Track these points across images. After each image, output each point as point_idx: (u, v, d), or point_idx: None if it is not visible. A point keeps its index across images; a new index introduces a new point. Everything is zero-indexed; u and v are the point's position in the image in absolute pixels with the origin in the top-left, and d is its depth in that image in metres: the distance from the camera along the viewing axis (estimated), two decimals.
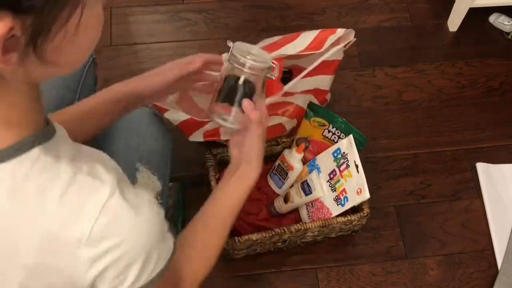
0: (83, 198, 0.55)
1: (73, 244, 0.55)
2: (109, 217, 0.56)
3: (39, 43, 0.49)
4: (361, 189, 1.15)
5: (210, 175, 1.25)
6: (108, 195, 0.56)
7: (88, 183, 0.56)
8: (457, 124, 1.52)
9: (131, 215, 0.58)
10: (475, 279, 1.30)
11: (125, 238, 0.57)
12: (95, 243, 0.56)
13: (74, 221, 0.55)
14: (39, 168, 0.54)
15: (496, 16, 1.68)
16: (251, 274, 1.29)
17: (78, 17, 0.50)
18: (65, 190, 0.54)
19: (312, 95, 1.31)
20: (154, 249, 0.62)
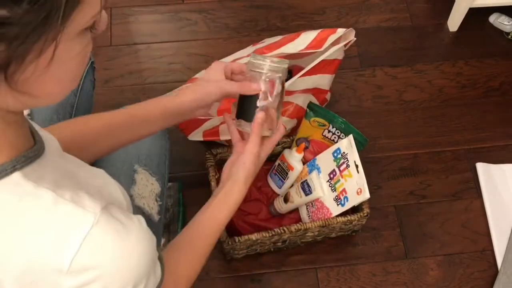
0: (64, 227, 0.52)
1: (53, 274, 0.53)
2: (91, 248, 0.53)
3: (9, 72, 0.47)
4: (361, 189, 1.15)
5: (210, 175, 1.25)
6: (92, 224, 0.53)
7: (70, 211, 0.53)
8: (457, 124, 1.52)
9: (115, 246, 0.55)
10: (475, 279, 1.30)
11: (107, 270, 0.54)
12: (76, 274, 0.53)
13: (54, 251, 0.52)
14: (19, 194, 0.51)
15: (496, 16, 1.68)
16: (251, 274, 1.29)
17: (51, 51, 0.48)
18: (45, 218, 0.52)
19: (312, 95, 1.31)
20: (142, 280, 0.58)
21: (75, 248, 0.52)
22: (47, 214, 0.52)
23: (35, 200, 0.52)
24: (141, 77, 1.56)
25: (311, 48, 1.22)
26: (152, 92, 1.52)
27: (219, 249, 1.29)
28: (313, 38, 1.23)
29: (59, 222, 0.52)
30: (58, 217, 0.52)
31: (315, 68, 1.23)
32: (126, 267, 0.56)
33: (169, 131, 1.22)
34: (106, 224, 0.54)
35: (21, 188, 0.52)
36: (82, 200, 0.54)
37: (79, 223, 0.53)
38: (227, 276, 1.29)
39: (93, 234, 0.53)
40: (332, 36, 1.22)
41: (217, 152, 1.30)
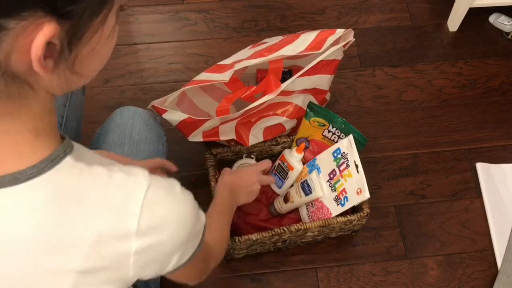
0: (124, 195, 0.56)
1: (122, 240, 0.56)
2: (151, 209, 0.57)
3: (73, 50, 0.50)
4: (361, 189, 1.15)
5: (210, 175, 1.25)
6: (146, 188, 0.57)
7: (125, 180, 0.57)
8: (457, 124, 1.52)
9: (169, 203, 0.59)
10: (475, 279, 1.30)
11: (168, 225, 0.59)
12: (143, 235, 0.57)
13: (120, 218, 0.56)
14: (77, 174, 0.54)
15: (496, 16, 1.68)
16: (251, 274, 1.29)
17: (106, 28, 0.52)
18: (106, 190, 0.55)
19: (311, 95, 1.31)
20: (193, 229, 0.64)
21: (138, 211, 0.56)
22: (106, 187, 0.55)
23: (92, 177, 0.55)
24: (141, 77, 1.56)
25: (310, 50, 1.22)
26: (152, 92, 1.52)
27: None
28: (312, 39, 1.23)
29: (118, 192, 0.56)
30: (116, 188, 0.56)
31: (314, 69, 1.23)
32: (182, 215, 0.61)
33: (168, 131, 1.22)
34: (156, 185, 0.58)
35: (76, 169, 0.54)
36: (129, 170, 0.58)
37: (136, 189, 0.57)
38: (227, 276, 1.29)
39: (149, 196, 0.57)
40: (331, 37, 1.22)
41: (217, 152, 1.30)
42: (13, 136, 0.52)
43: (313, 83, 1.28)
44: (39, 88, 0.52)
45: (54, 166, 0.53)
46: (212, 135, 1.28)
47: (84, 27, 0.49)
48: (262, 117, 1.28)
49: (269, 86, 1.20)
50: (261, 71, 1.50)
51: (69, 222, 0.54)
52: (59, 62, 0.50)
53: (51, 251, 0.55)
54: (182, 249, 0.64)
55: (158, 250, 0.60)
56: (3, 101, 0.50)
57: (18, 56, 0.47)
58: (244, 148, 1.30)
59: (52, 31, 0.46)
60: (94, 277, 0.57)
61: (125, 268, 0.58)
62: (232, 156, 1.33)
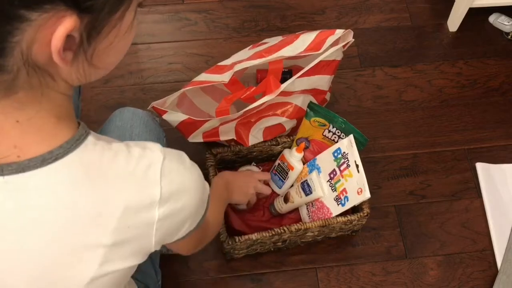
0: (143, 166, 0.60)
1: (147, 209, 0.60)
2: (169, 177, 0.61)
3: (91, 44, 0.52)
4: (362, 189, 1.15)
5: (210, 175, 1.25)
6: (162, 159, 0.61)
7: (142, 154, 0.60)
8: (457, 124, 1.52)
9: (183, 170, 0.64)
10: (475, 279, 1.30)
11: (184, 191, 0.64)
12: (164, 202, 0.61)
13: (143, 188, 0.59)
14: (99, 150, 0.58)
15: (496, 16, 1.68)
16: (251, 274, 1.29)
17: (125, 22, 0.55)
18: (127, 163, 0.59)
19: (311, 95, 1.31)
20: (203, 195, 0.69)
21: (157, 181, 0.60)
22: (127, 160, 0.59)
23: (113, 152, 0.59)
24: (141, 77, 1.56)
25: (310, 51, 1.22)
26: (152, 92, 1.52)
27: (219, 249, 1.29)
28: (311, 40, 1.24)
29: (138, 164, 0.59)
30: (136, 160, 0.59)
31: (314, 69, 1.23)
32: (194, 181, 0.66)
33: (168, 131, 1.22)
34: (170, 155, 0.63)
35: (98, 146, 0.58)
36: (143, 144, 0.62)
37: (153, 160, 0.61)
38: (227, 276, 1.29)
39: (166, 165, 0.61)
40: (330, 38, 1.22)
41: (217, 152, 1.30)
42: (38, 123, 0.55)
43: (313, 83, 1.28)
44: (59, 78, 0.54)
45: (79, 146, 0.56)
46: (212, 135, 1.28)
47: (103, 22, 0.51)
48: (262, 117, 1.28)
49: (269, 86, 1.20)
50: (261, 71, 1.50)
51: (97, 197, 0.57)
52: (78, 54, 0.52)
53: (82, 227, 0.57)
54: (194, 215, 0.68)
55: (177, 215, 0.64)
56: (26, 91, 0.53)
57: (40, 47, 0.49)
58: (244, 148, 1.30)
59: (72, 24, 0.48)
60: (121, 250, 0.61)
61: (148, 237, 0.62)
62: (232, 156, 1.33)
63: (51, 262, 0.59)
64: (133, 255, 0.63)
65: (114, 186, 0.58)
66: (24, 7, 0.46)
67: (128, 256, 0.62)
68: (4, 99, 0.52)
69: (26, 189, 0.55)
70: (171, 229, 0.66)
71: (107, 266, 0.60)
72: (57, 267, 0.59)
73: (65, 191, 0.56)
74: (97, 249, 0.59)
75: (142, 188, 0.60)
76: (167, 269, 1.28)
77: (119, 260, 0.62)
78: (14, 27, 0.47)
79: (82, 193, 0.56)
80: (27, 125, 0.55)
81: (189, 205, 0.65)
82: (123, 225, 0.59)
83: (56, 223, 0.56)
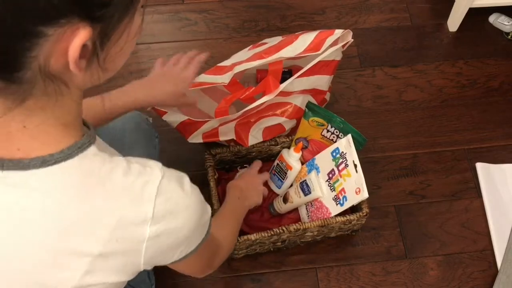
0: (141, 183, 0.60)
1: (139, 225, 0.60)
2: (165, 197, 0.61)
3: (104, 49, 0.55)
4: (360, 189, 1.15)
5: (210, 175, 1.25)
6: (160, 178, 0.62)
7: (141, 170, 0.61)
8: (457, 124, 1.52)
9: (180, 192, 0.64)
10: (475, 279, 1.30)
11: (179, 212, 0.64)
12: (157, 221, 0.61)
13: (138, 204, 0.60)
14: (100, 161, 0.59)
15: (496, 16, 1.67)
16: (251, 274, 1.29)
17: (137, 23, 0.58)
18: (126, 177, 0.60)
19: (310, 95, 1.31)
20: (200, 219, 0.69)
21: (152, 199, 0.60)
22: (126, 174, 0.60)
23: (113, 165, 0.59)
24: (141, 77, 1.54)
25: (309, 51, 1.22)
26: None
27: None
28: (311, 40, 1.23)
29: (136, 179, 0.60)
30: (134, 176, 0.60)
31: (313, 69, 1.23)
32: (191, 203, 0.66)
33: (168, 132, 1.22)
34: (169, 175, 0.63)
35: (99, 157, 0.59)
36: (145, 162, 0.63)
37: (151, 178, 0.61)
38: (227, 276, 1.29)
39: (163, 185, 0.62)
40: (330, 38, 1.22)
41: (216, 152, 1.30)
42: (45, 129, 0.57)
43: (312, 83, 1.28)
44: (73, 85, 0.56)
45: (80, 153, 0.58)
46: (211, 135, 1.28)
47: (114, 28, 0.54)
48: (262, 117, 1.28)
49: (268, 87, 1.20)
50: (261, 71, 1.50)
51: (90, 206, 0.58)
52: (91, 61, 0.54)
53: (71, 233, 0.58)
54: (189, 238, 0.68)
55: (169, 236, 0.63)
56: (38, 99, 0.54)
57: (56, 58, 0.51)
58: (243, 148, 1.30)
59: (87, 35, 0.51)
60: (107, 262, 0.61)
61: (137, 255, 0.62)
62: (231, 156, 1.33)
63: (33, 265, 0.59)
64: (119, 271, 0.63)
65: (109, 197, 0.59)
66: (41, 24, 0.48)
67: (113, 270, 0.62)
68: (17, 107, 0.54)
69: (22, 186, 0.56)
70: (163, 250, 0.65)
71: (90, 277, 0.60)
72: (39, 270, 0.59)
73: (59, 195, 0.56)
74: (83, 257, 0.59)
75: (136, 203, 0.60)
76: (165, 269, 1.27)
77: (103, 273, 0.61)
78: (32, 43, 0.49)
79: (75, 199, 0.57)
80: (33, 131, 0.56)
81: (183, 227, 0.65)
82: (113, 237, 0.59)
83: (45, 225, 0.57)
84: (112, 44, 0.55)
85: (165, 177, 0.62)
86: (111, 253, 0.60)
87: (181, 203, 0.64)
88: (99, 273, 0.61)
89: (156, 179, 0.61)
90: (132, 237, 0.61)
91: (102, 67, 0.56)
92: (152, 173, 0.62)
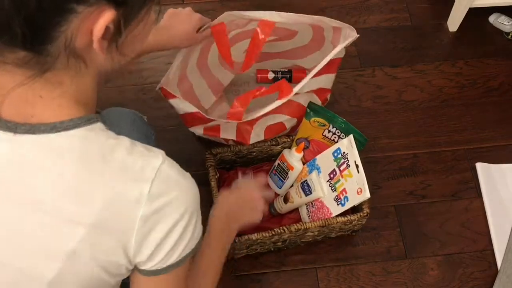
0: (141, 163, 0.63)
1: (133, 202, 0.62)
2: (163, 179, 0.63)
3: (123, 33, 0.59)
4: (361, 189, 1.15)
5: (210, 175, 1.25)
6: (161, 162, 0.64)
7: (144, 152, 0.64)
8: (457, 124, 1.52)
9: (180, 179, 0.66)
10: (475, 279, 1.30)
11: (176, 196, 0.65)
12: (152, 201, 0.63)
13: (135, 181, 0.62)
14: (105, 136, 0.62)
15: (496, 16, 1.68)
16: (251, 274, 1.29)
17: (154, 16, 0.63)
18: (127, 155, 0.62)
19: (314, 94, 1.32)
20: (194, 216, 0.69)
21: (151, 178, 0.62)
22: (128, 153, 0.62)
23: (118, 142, 0.63)
24: (141, 77, 1.56)
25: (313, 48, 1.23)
26: (152, 92, 1.52)
27: None
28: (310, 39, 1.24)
29: (137, 159, 0.63)
30: (136, 156, 0.63)
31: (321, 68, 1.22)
32: (189, 192, 0.67)
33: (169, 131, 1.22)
34: (170, 163, 0.66)
35: (106, 132, 0.63)
36: (148, 147, 0.66)
37: (152, 161, 0.64)
38: (227, 276, 1.29)
39: (163, 169, 0.64)
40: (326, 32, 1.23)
41: (217, 152, 1.30)
42: (59, 102, 0.60)
43: (320, 83, 1.28)
44: (92, 65, 0.61)
45: (88, 125, 0.61)
46: (213, 130, 1.28)
47: (134, 15, 0.60)
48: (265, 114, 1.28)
49: (280, 89, 1.20)
50: (261, 71, 1.50)
51: (90, 174, 0.60)
52: (111, 43, 0.60)
53: (68, 197, 0.60)
54: (181, 233, 0.67)
55: (162, 219, 0.64)
56: (58, 72, 0.59)
57: (81, 36, 0.57)
58: (244, 148, 1.30)
59: (111, 17, 0.56)
60: (100, 236, 0.62)
61: (129, 233, 0.63)
62: (231, 156, 1.33)
63: (31, 226, 0.61)
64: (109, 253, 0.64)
65: (109, 170, 0.61)
66: (74, 1, 0.54)
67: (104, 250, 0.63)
68: (37, 78, 0.58)
69: (31, 148, 0.59)
70: (154, 236, 0.65)
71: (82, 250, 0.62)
72: (36, 232, 0.61)
73: (61, 159, 0.60)
74: (77, 226, 0.61)
75: (134, 181, 0.62)
76: None
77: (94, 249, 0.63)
78: (63, 18, 0.55)
79: (76, 165, 0.60)
80: (48, 102, 0.60)
81: (176, 214, 0.65)
82: (107, 210, 0.61)
83: (46, 187, 0.60)
84: (130, 30, 0.60)
85: (166, 163, 0.65)
86: (104, 227, 0.62)
87: (177, 189, 0.65)
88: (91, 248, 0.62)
89: (157, 162, 0.64)
90: (126, 213, 0.62)
91: (120, 50, 0.61)
92: (154, 156, 0.64)
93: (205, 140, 1.36)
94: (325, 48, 1.37)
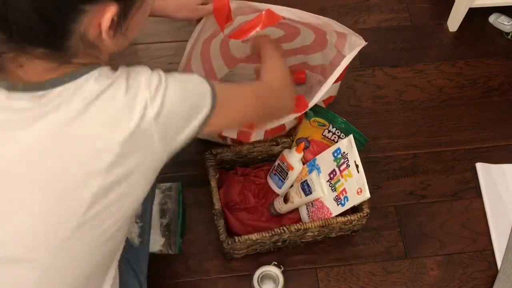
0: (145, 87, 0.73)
1: (143, 109, 0.71)
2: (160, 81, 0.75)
3: (126, 21, 0.72)
4: (361, 189, 1.15)
5: (210, 175, 1.25)
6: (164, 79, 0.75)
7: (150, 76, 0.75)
8: (457, 124, 1.52)
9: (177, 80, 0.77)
10: (475, 279, 1.30)
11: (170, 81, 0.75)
12: (153, 99, 0.72)
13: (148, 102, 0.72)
14: (112, 71, 0.74)
15: (496, 16, 1.68)
16: (251, 274, 1.29)
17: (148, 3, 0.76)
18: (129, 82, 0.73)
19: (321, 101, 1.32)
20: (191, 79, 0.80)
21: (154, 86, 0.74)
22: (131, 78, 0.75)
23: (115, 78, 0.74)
24: None
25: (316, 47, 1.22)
26: None
27: (219, 249, 1.29)
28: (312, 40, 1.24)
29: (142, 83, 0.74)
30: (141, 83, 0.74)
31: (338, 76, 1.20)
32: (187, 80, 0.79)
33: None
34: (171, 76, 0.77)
35: (104, 70, 0.74)
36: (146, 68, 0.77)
37: (156, 81, 0.74)
38: (227, 276, 1.29)
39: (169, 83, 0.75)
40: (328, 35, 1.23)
41: (217, 152, 1.30)
42: None
43: (328, 92, 1.26)
44: (104, 50, 0.75)
45: (93, 70, 0.72)
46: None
47: (132, 6, 0.72)
48: None
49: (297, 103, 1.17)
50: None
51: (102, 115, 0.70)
52: (116, 31, 0.72)
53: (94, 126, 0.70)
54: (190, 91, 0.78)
55: (168, 101, 0.73)
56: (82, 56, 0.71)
57: (92, 29, 0.69)
58: (244, 148, 1.30)
59: (114, 11, 0.69)
60: (130, 157, 0.71)
61: (149, 134, 0.72)
62: (232, 156, 1.33)
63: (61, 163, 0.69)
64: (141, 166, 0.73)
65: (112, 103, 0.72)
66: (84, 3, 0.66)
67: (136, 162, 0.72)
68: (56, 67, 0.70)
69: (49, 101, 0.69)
70: (174, 115, 0.74)
71: (117, 168, 0.70)
72: (67, 169, 0.69)
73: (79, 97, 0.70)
74: (113, 147, 0.70)
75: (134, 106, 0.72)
76: (166, 269, 1.28)
77: (129, 160, 0.71)
78: (77, 16, 0.67)
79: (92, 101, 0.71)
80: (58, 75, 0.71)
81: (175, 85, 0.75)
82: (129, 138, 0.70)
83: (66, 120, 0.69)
84: (131, 18, 0.73)
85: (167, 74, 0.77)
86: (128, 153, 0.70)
87: (171, 79, 0.76)
88: (125, 161, 0.71)
89: (155, 79, 0.75)
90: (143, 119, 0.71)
91: (125, 34, 0.74)
92: (156, 75, 0.76)
93: (205, 140, 1.36)
94: (328, 50, 1.37)
